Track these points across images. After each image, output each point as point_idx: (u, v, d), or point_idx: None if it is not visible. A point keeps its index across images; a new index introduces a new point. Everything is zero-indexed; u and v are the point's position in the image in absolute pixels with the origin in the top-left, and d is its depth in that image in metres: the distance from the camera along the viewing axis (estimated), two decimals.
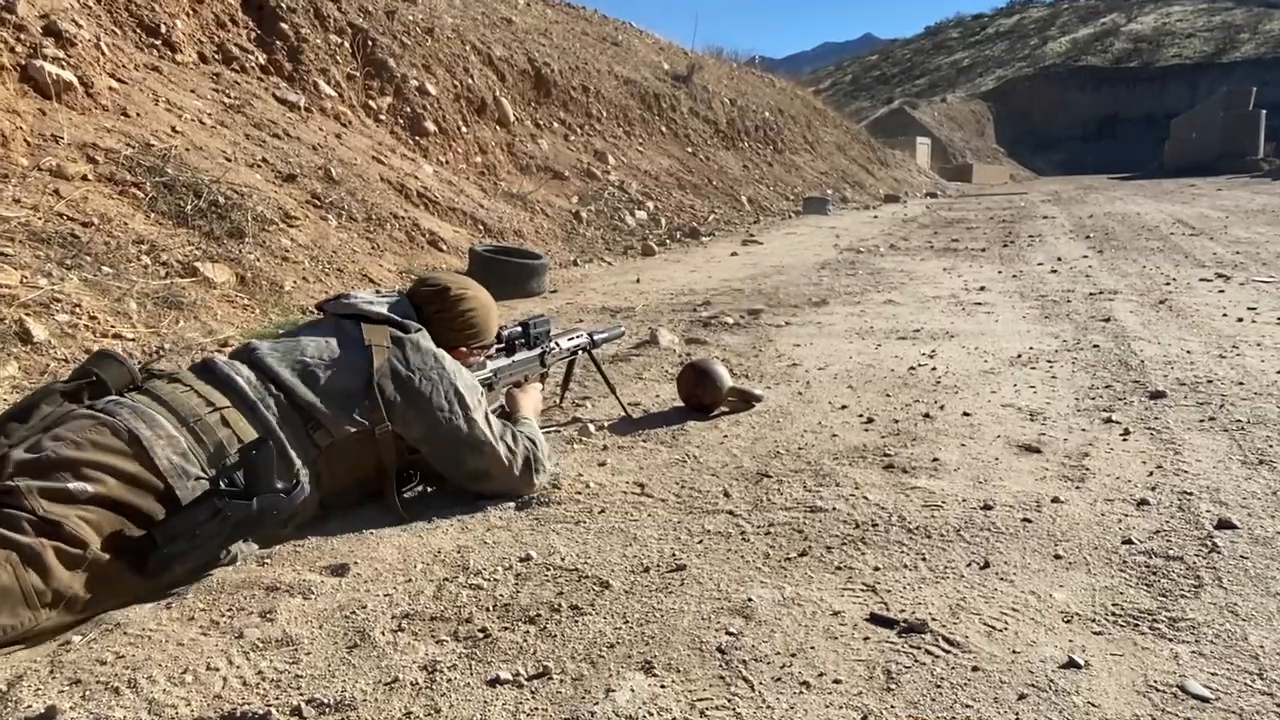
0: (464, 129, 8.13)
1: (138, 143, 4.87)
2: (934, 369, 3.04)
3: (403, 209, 5.93)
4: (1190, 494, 1.77)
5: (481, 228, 6.64)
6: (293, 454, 1.66)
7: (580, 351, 2.58)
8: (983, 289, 5.08)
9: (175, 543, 1.42)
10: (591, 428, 2.45)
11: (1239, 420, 2.26)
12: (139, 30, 5.90)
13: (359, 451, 1.76)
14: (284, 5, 6.99)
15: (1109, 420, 2.30)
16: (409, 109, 7.56)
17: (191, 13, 6.37)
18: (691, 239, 8.87)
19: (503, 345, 2.23)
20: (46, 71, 4.77)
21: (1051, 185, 34.23)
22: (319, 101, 6.71)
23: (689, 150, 13.38)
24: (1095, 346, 3.28)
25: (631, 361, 3.39)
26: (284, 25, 6.91)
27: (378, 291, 1.97)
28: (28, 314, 3.12)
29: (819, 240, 9.06)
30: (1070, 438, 2.19)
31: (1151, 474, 1.90)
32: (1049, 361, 3.07)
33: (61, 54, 4.97)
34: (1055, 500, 1.76)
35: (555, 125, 10.21)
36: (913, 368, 3.07)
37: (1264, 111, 34.76)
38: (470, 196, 7.10)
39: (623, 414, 2.58)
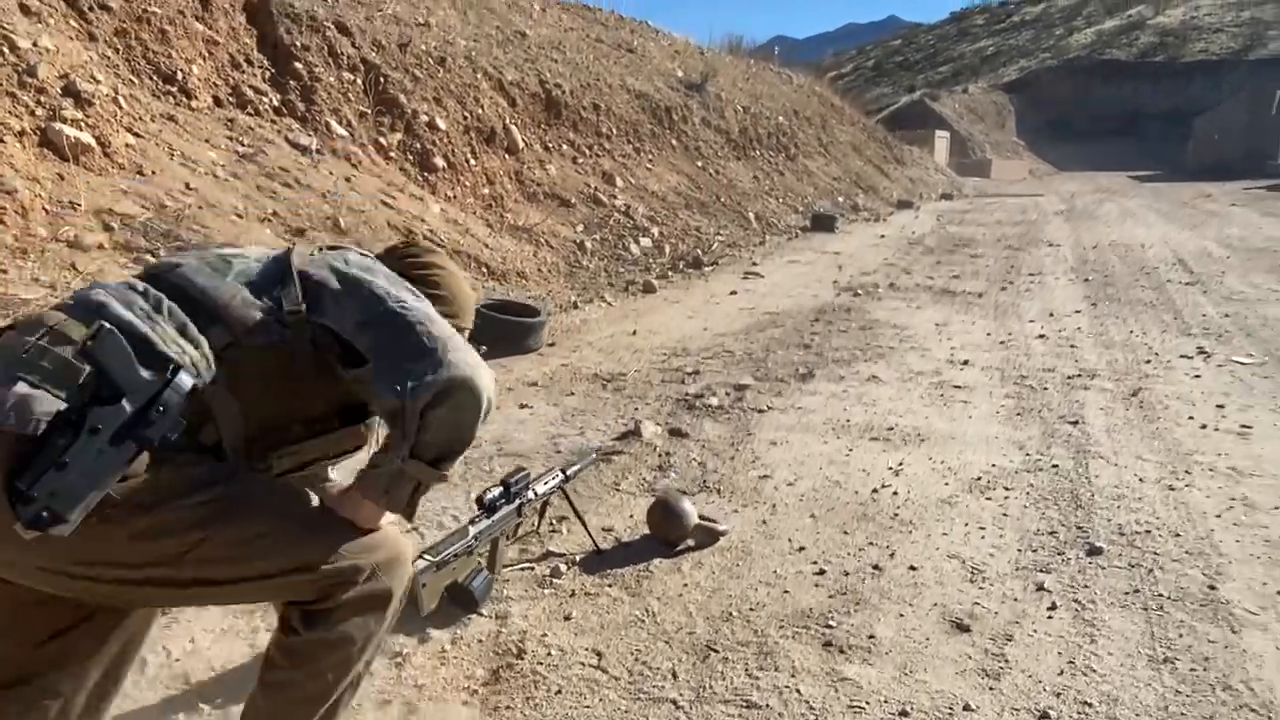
0: (472, 161, 8.28)
1: (153, 204, 5.06)
2: (896, 492, 3.21)
3: None
4: (1090, 704, 1.94)
5: (485, 270, 6.81)
6: (164, 349, 1.32)
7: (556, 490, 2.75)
8: (966, 363, 5.21)
9: (44, 481, 1.16)
10: (563, 568, 2.64)
11: (1161, 595, 2.42)
12: (156, 78, 6.08)
13: (279, 369, 1.45)
14: (298, 44, 7.15)
15: (1041, 588, 2.47)
16: (419, 145, 7.71)
17: (207, 55, 6.54)
18: (694, 269, 9.01)
19: (485, 508, 2.40)
20: (65, 135, 4.96)
21: (1069, 185, 33.97)
22: (330, 142, 6.88)
23: (699, 164, 13.47)
24: (1055, 467, 3.44)
25: (614, 462, 3.57)
26: (298, 64, 7.06)
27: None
28: None
29: (820, 273, 9.18)
30: (1001, 611, 2.35)
31: (1061, 672, 2.07)
32: (1006, 488, 3.22)
33: (80, 115, 5.15)
34: (966, 708, 1.93)
35: (564, 147, 10.34)
36: (876, 489, 3.24)
37: None
38: (476, 235, 7.26)
39: (593, 546, 2.76)
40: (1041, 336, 5.94)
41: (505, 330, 5.43)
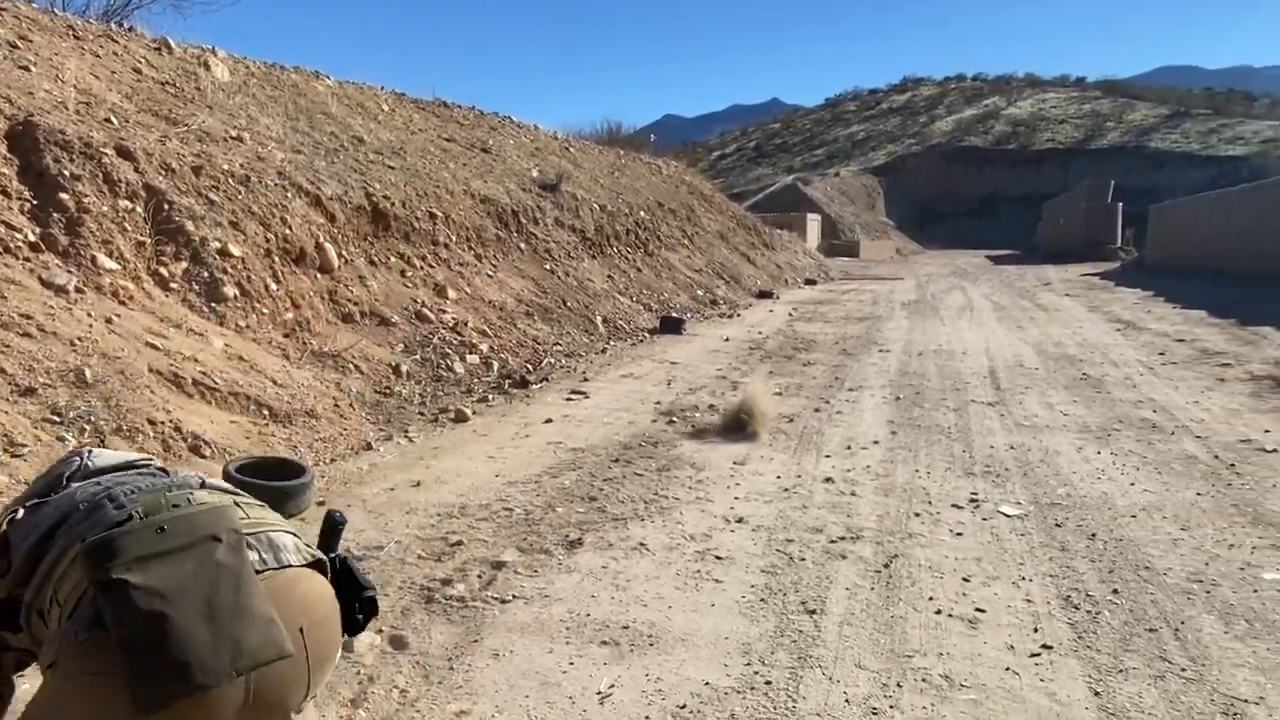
0: (274, 285, 7.90)
1: None
2: None
3: (165, 410, 5.65)
4: None
5: (266, 413, 6.39)
6: None
7: None
8: (741, 521, 5.12)
9: None
10: None
11: None
12: None
13: None
14: (67, 173, 6.69)
15: None
16: (206, 274, 7.29)
17: None
18: (519, 390, 8.79)
19: None
20: None
21: (929, 266, 35.99)
22: (95, 278, 6.40)
23: (547, 267, 13.41)
24: (767, 684, 3.28)
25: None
26: (64, 195, 6.60)
27: None
28: None
29: (648, 389, 9.12)
30: None
31: None
32: None
33: None
34: None
35: (392, 260, 10.07)
36: None
37: (1120, 205, 37.52)
38: (263, 371, 6.85)
39: None
40: (828, 480, 5.94)
41: (258, 497, 5.02)
